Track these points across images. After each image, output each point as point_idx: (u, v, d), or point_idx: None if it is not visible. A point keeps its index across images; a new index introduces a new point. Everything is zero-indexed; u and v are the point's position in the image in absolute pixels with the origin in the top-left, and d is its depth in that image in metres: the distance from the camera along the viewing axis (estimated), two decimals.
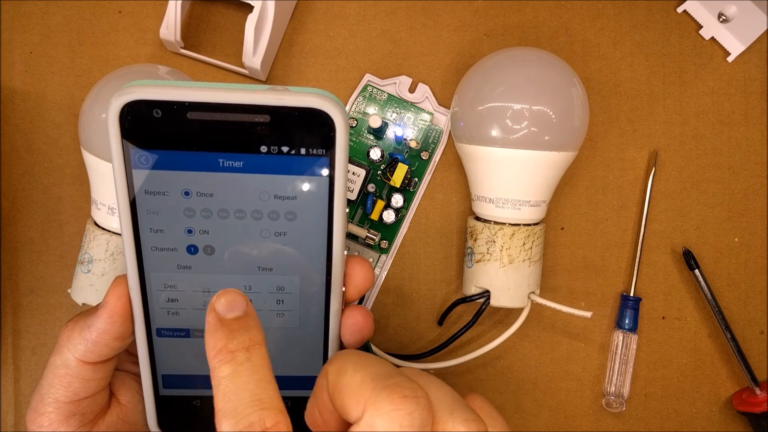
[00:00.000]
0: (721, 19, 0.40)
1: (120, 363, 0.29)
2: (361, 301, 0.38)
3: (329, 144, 0.24)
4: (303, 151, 0.24)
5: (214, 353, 0.21)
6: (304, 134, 0.24)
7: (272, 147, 0.24)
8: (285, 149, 0.24)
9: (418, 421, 0.19)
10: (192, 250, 0.26)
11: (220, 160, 0.24)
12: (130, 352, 0.29)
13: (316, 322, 0.27)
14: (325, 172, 0.25)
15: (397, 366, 0.38)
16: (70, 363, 0.26)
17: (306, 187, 0.25)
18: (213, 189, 0.25)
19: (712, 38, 0.40)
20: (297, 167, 0.25)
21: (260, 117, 0.24)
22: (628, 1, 0.40)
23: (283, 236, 0.26)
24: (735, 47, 0.40)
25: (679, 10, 0.40)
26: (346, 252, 0.27)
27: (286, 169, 0.25)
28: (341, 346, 0.28)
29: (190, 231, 0.25)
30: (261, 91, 0.24)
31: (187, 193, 0.25)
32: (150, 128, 0.24)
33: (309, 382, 0.28)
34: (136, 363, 0.29)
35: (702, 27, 0.40)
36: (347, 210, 0.26)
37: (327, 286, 0.27)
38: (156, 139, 0.24)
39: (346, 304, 0.28)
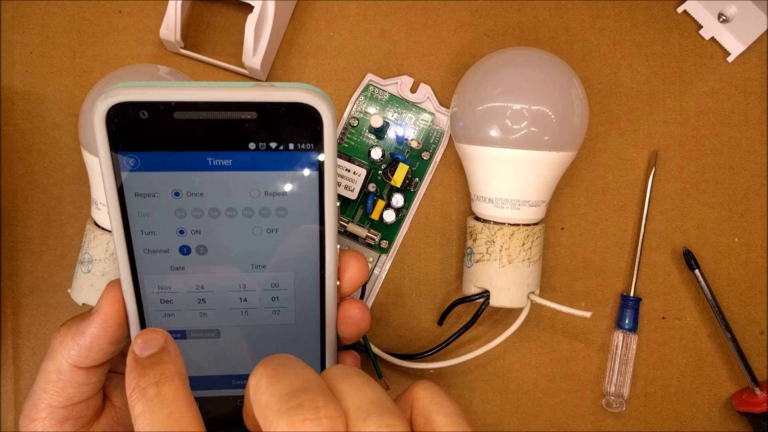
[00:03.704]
0: (721, 19, 0.40)
1: (114, 365, 0.29)
2: (362, 295, 0.38)
3: (317, 138, 0.24)
4: (291, 146, 0.24)
5: (129, 393, 0.21)
6: (291, 129, 0.24)
7: (260, 143, 0.24)
8: (273, 145, 0.24)
9: None
10: (185, 250, 0.26)
11: (209, 159, 0.24)
12: (125, 354, 0.29)
13: (312, 318, 0.27)
14: (314, 166, 0.25)
15: (399, 366, 0.39)
16: (64, 368, 0.26)
17: (296, 182, 0.25)
18: (203, 188, 0.25)
19: (712, 38, 0.40)
20: (286, 163, 0.25)
21: (247, 114, 0.24)
22: (628, 1, 0.40)
23: (275, 233, 0.26)
24: (735, 47, 0.40)
25: (679, 10, 0.40)
26: (339, 246, 0.27)
27: (276, 165, 0.25)
28: (338, 341, 0.28)
29: (181, 231, 0.25)
30: (247, 88, 0.24)
31: (177, 194, 0.25)
32: (137, 130, 0.24)
33: None
34: None
35: (702, 27, 0.40)
36: (338, 204, 0.26)
37: (321, 280, 0.27)
38: (144, 141, 0.24)
39: (341, 298, 0.28)
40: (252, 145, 0.24)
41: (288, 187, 0.25)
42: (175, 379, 0.21)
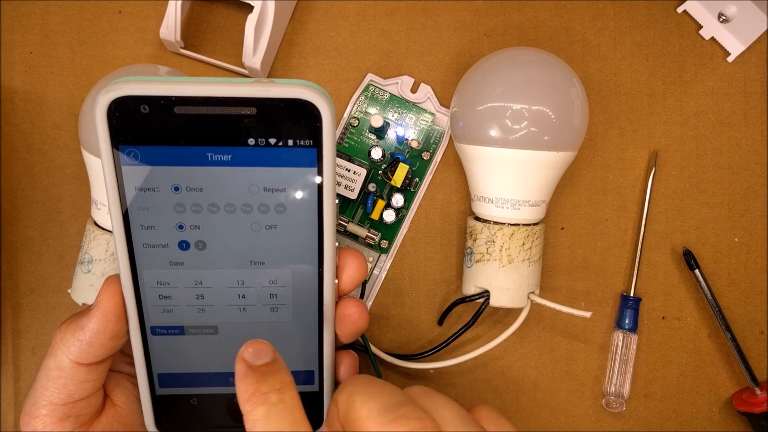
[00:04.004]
0: (721, 19, 0.40)
1: (114, 364, 0.29)
2: (362, 295, 0.38)
3: (316, 135, 0.24)
4: (290, 142, 0.24)
5: (246, 397, 0.22)
6: (290, 126, 0.24)
7: (260, 139, 0.24)
8: (272, 141, 0.24)
9: None
10: (183, 245, 0.26)
11: (209, 154, 0.24)
12: (125, 353, 0.29)
13: (310, 316, 0.27)
14: (313, 162, 0.25)
15: (398, 366, 0.39)
16: (64, 365, 0.26)
17: (295, 179, 0.25)
18: (202, 183, 0.25)
19: (712, 38, 0.40)
20: (285, 159, 0.25)
21: (247, 110, 0.24)
22: (628, 1, 0.40)
23: (273, 229, 0.26)
24: (735, 47, 0.40)
25: (679, 10, 0.40)
26: (337, 244, 0.27)
27: (275, 162, 0.25)
28: (336, 339, 0.28)
29: (181, 226, 0.25)
30: (247, 84, 0.24)
31: (176, 189, 0.25)
32: (138, 124, 0.24)
33: (304, 377, 0.28)
34: (131, 363, 0.29)
35: (702, 27, 0.40)
36: (337, 201, 0.26)
37: (320, 278, 0.27)
38: (144, 135, 0.24)
39: (339, 296, 0.28)
40: (251, 141, 0.24)
41: (287, 184, 0.25)
42: (295, 390, 0.22)
